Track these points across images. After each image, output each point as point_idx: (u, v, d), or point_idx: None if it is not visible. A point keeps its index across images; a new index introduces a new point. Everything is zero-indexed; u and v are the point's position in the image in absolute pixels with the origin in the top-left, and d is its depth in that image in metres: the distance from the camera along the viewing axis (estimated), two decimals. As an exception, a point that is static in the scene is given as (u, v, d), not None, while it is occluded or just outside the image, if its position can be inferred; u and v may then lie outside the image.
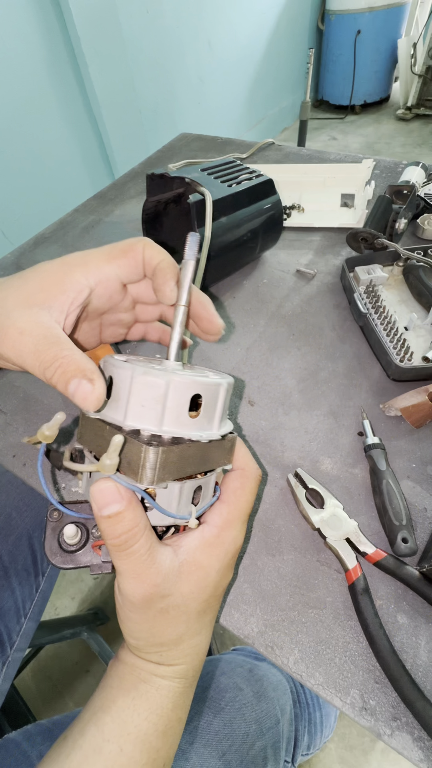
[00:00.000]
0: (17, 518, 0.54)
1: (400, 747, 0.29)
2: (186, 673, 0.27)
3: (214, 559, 0.26)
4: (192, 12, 2.02)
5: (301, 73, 3.07)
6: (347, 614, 0.34)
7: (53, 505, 0.29)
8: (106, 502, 0.22)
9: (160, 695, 0.26)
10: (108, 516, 0.22)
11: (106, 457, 0.21)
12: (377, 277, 0.56)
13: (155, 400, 0.23)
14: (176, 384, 0.23)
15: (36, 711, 0.82)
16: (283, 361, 0.53)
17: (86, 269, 0.27)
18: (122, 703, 0.26)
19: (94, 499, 0.22)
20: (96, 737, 0.25)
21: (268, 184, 0.59)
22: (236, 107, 2.61)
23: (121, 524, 0.22)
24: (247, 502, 0.28)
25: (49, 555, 0.28)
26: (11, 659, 0.50)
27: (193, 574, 0.25)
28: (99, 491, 0.22)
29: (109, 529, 0.22)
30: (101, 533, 0.23)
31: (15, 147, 1.54)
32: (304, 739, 0.53)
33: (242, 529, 0.28)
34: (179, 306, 0.28)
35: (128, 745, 0.25)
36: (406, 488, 0.40)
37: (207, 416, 0.25)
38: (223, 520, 0.27)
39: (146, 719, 0.25)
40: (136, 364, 0.24)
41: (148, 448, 0.22)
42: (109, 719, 0.25)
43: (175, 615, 0.25)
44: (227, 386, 0.26)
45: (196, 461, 0.25)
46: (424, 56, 2.70)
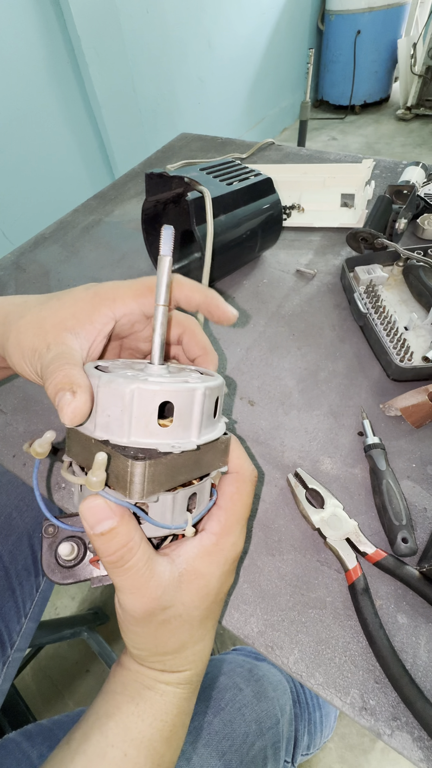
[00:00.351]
0: (17, 518, 0.54)
1: (400, 747, 0.29)
2: (190, 679, 0.27)
3: (213, 566, 0.25)
4: (192, 12, 2.02)
5: (301, 73, 3.07)
6: (347, 614, 0.34)
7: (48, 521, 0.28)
8: (97, 520, 0.21)
9: (164, 701, 0.26)
10: (101, 533, 0.21)
11: (91, 474, 0.21)
12: (377, 277, 0.56)
13: (121, 410, 0.22)
14: (141, 392, 0.22)
15: (36, 711, 0.82)
16: (283, 361, 0.53)
17: (114, 304, 0.28)
18: (126, 709, 0.26)
19: (84, 516, 0.22)
20: (100, 742, 0.25)
21: (267, 182, 0.59)
22: (236, 107, 2.61)
23: (115, 540, 0.22)
24: (244, 506, 0.28)
25: (47, 572, 0.28)
26: (11, 659, 0.50)
27: (193, 583, 0.25)
28: (89, 509, 0.22)
29: (103, 546, 0.22)
30: (96, 550, 0.22)
31: (15, 147, 1.54)
32: (304, 739, 0.53)
33: (241, 534, 0.28)
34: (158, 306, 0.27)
35: (132, 751, 0.25)
36: (406, 488, 0.40)
37: (182, 424, 0.24)
38: (221, 526, 0.26)
39: (150, 725, 0.25)
40: (107, 373, 0.23)
41: (135, 462, 0.21)
42: (113, 724, 0.25)
43: (178, 625, 0.25)
44: (205, 390, 0.24)
45: (189, 468, 0.24)
46: (423, 56, 2.70)
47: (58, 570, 0.28)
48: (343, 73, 2.99)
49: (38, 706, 0.95)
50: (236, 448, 0.29)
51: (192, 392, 0.24)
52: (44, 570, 0.28)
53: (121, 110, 1.79)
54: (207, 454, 0.25)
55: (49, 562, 0.28)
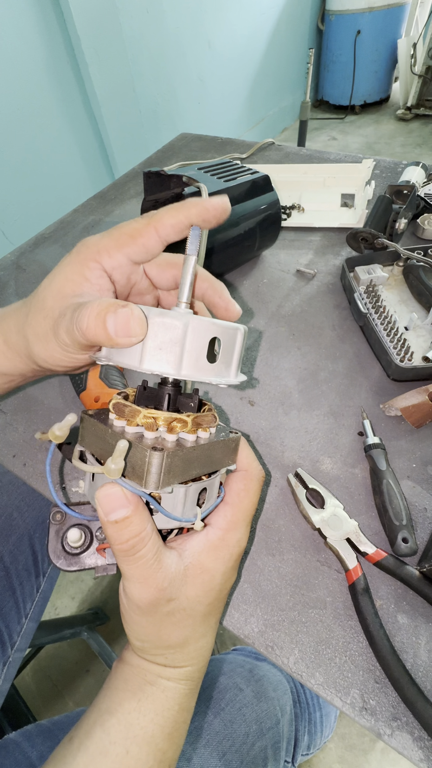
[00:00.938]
0: (18, 518, 0.54)
1: (401, 747, 0.29)
2: (192, 674, 0.27)
3: (219, 562, 0.26)
4: (192, 12, 2.02)
5: (301, 73, 3.07)
6: (347, 614, 0.34)
7: (56, 507, 0.28)
8: (112, 508, 0.22)
9: (166, 697, 0.26)
10: (115, 521, 0.22)
11: (111, 461, 0.21)
12: (377, 277, 0.56)
13: (173, 343, 0.22)
14: (195, 325, 0.22)
15: (36, 711, 0.82)
16: (283, 361, 0.53)
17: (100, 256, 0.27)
18: (128, 705, 0.26)
19: (99, 503, 0.22)
20: (102, 739, 0.25)
21: (265, 180, 0.59)
22: (236, 107, 2.61)
23: (128, 529, 0.22)
24: (251, 504, 0.28)
25: (53, 558, 0.28)
26: (12, 659, 0.50)
27: (198, 577, 0.25)
28: (105, 496, 0.22)
29: (115, 534, 0.22)
30: (107, 538, 0.23)
31: (15, 147, 1.54)
32: (304, 739, 0.53)
33: (246, 531, 0.28)
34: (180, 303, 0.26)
35: (134, 747, 0.25)
36: (406, 488, 0.40)
37: (225, 361, 0.25)
38: (227, 522, 0.27)
39: (152, 721, 0.26)
40: (150, 308, 0.23)
41: (153, 452, 0.21)
42: (115, 721, 0.25)
43: (181, 618, 0.25)
44: (244, 332, 0.25)
45: (201, 463, 0.25)
46: (423, 56, 2.70)
47: (63, 556, 0.28)
48: (343, 73, 2.98)
49: (38, 706, 0.95)
50: (245, 447, 0.29)
51: (236, 331, 0.25)
52: (50, 555, 0.28)
53: (121, 110, 1.79)
54: (218, 451, 0.26)
55: (55, 548, 0.28)
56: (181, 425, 0.24)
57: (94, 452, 0.25)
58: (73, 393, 0.52)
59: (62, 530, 0.28)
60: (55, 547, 0.28)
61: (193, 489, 0.25)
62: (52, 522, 0.28)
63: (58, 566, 0.28)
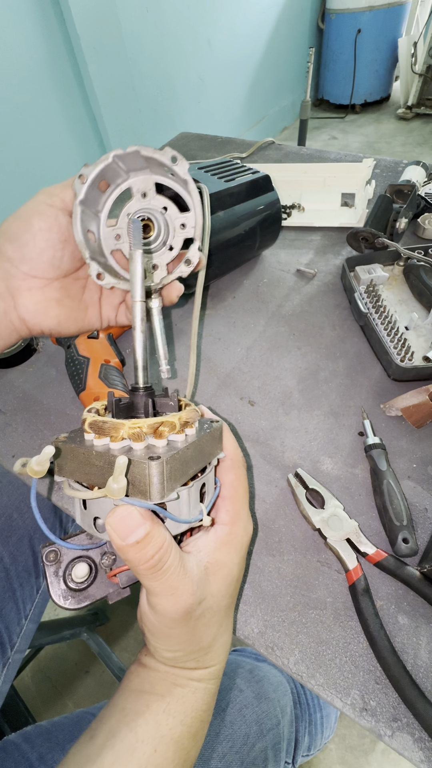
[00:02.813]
0: (18, 519, 0.53)
1: (401, 748, 0.29)
2: (218, 673, 0.28)
3: (233, 554, 0.27)
4: (192, 11, 2.02)
5: (302, 72, 3.07)
6: (348, 615, 0.34)
7: (49, 546, 0.26)
8: (130, 529, 0.21)
9: (195, 698, 0.26)
10: (136, 542, 0.21)
11: (112, 481, 0.20)
12: (378, 276, 0.56)
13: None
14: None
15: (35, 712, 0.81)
16: (284, 361, 0.53)
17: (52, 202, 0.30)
18: (156, 707, 0.26)
19: (115, 529, 0.21)
20: (129, 738, 0.25)
21: (265, 179, 0.59)
22: (236, 106, 2.61)
23: (151, 545, 0.21)
24: (244, 491, 0.29)
25: (59, 601, 0.26)
26: (11, 661, 0.50)
27: (218, 573, 0.26)
28: (120, 520, 0.21)
29: (138, 554, 0.21)
30: (128, 561, 0.22)
31: (15, 146, 1.54)
32: (304, 740, 0.53)
33: (248, 517, 0.29)
34: (135, 303, 0.26)
35: (162, 747, 0.25)
36: (406, 488, 0.40)
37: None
38: (230, 516, 0.27)
39: (181, 722, 0.26)
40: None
41: (151, 463, 0.21)
42: (143, 721, 0.25)
43: (210, 617, 0.25)
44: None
45: (195, 460, 0.25)
46: (424, 55, 2.70)
47: (70, 596, 0.26)
48: (343, 72, 2.98)
49: (38, 707, 0.95)
50: (227, 433, 0.30)
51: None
52: (54, 599, 0.26)
53: (120, 109, 1.79)
54: (207, 444, 0.26)
55: (58, 589, 0.26)
56: (170, 428, 0.24)
57: (79, 479, 0.24)
58: (73, 393, 0.52)
59: (61, 569, 0.26)
60: (58, 588, 0.26)
61: (195, 488, 0.25)
62: (46, 563, 0.26)
63: (66, 607, 0.26)
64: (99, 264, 0.30)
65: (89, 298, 0.35)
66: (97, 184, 0.30)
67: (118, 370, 0.50)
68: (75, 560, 0.27)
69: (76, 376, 0.49)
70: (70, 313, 0.33)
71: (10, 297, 0.31)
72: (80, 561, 0.27)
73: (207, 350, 0.56)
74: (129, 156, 0.28)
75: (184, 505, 0.25)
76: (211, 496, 0.28)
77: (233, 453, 0.30)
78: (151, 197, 0.31)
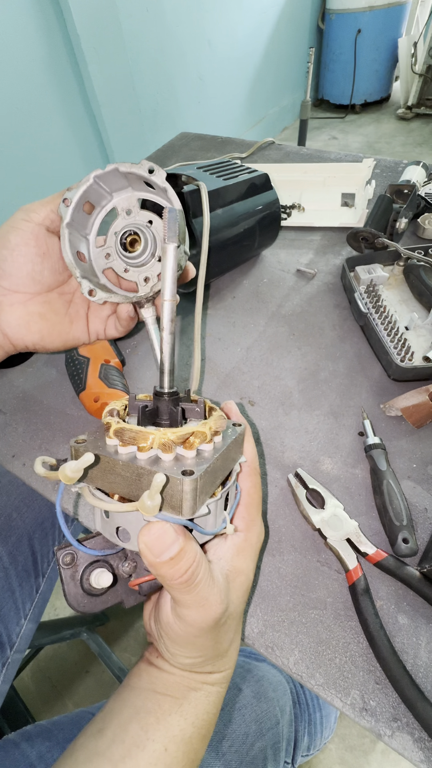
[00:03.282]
0: (17, 519, 0.53)
1: (401, 748, 0.29)
2: (230, 676, 0.28)
3: (249, 560, 0.27)
4: (192, 11, 2.01)
5: (302, 72, 3.07)
6: (348, 615, 0.34)
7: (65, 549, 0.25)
8: (165, 546, 0.21)
9: (208, 701, 0.27)
10: (170, 558, 0.21)
11: (147, 498, 0.19)
12: (378, 276, 0.56)
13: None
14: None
15: (35, 712, 0.81)
16: (284, 361, 0.53)
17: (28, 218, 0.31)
18: (169, 708, 0.26)
19: (149, 546, 0.21)
20: (140, 735, 0.25)
21: (264, 178, 0.59)
22: (236, 106, 2.60)
23: (184, 561, 0.21)
24: (259, 498, 0.29)
25: (75, 606, 0.25)
26: (11, 660, 0.50)
27: (236, 580, 0.26)
28: (157, 538, 0.21)
29: (171, 570, 0.21)
30: (161, 577, 0.22)
31: (14, 146, 1.54)
32: (304, 739, 0.53)
33: (261, 524, 0.29)
34: (165, 302, 0.24)
35: (173, 746, 0.25)
36: (406, 488, 0.40)
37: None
38: (246, 523, 0.28)
39: (192, 724, 0.26)
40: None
41: (185, 479, 0.20)
42: (154, 720, 0.26)
43: (230, 623, 0.26)
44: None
45: (222, 469, 0.24)
46: (424, 55, 2.70)
47: (86, 600, 0.26)
48: (343, 72, 2.98)
49: (37, 707, 0.95)
50: (248, 437, 0.30)
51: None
52: (70, 603, 0.25)
53: (120, 109, 1.79)
54: (232, 451, 0.26)
55: (75, 594, 0.25)
56: (200, 439, 0.23)
57: (102, 487, 0.23)
58: (73, 393, 0.52)
59: (78, 572, 0.25)
60: (76, 593, 0.25)
61: (221, 499, 0.25)
62: (62, 567, 0.25)
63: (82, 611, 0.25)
64: (90, 282, 0.30)
65: (75, 312, 0.35)
66: (82, 205, 0.31)
67: (118, 370, 0.50)
68: (92, 564, 0.26)
69: (76, 376, 0.49)
70: (53, 327, 0.34)
71: None
72: (98, 566, 0.26)
73: (207, 350, 0.56)
74: (109, 175, 0.29)
75: (211, 517, 0.24)
76: (232, 503, 0.27)
77: (252, 459, 0.30)
78: (136, 213, 0.32)
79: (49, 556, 0.56)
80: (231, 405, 0.32)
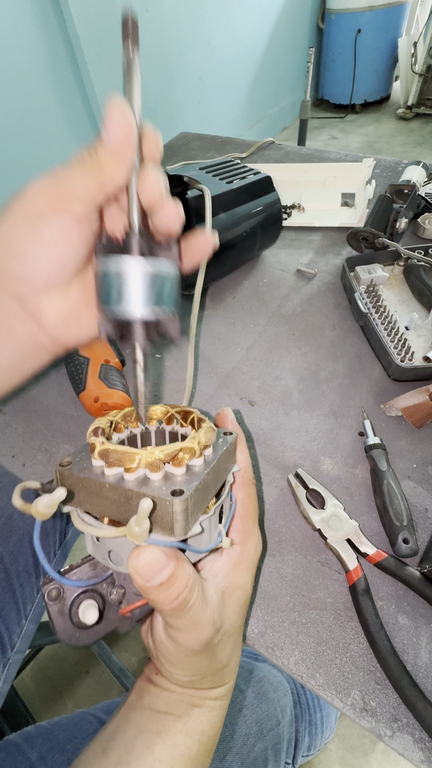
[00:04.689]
0: (18, 519, 0.53)
1: (401, 748, 0.29)
2: (232, 687, 0.28)
3: (246, 574, 0.26)
4: (192, 11, 2.01)
5: (301, 72, 3.07)
6: (348, 615, 0.34)
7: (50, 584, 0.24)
8: (155, 571, 0.20)
9: (212, 716, 0.27)
10: (160, 584, 0.20)
11: (134, 524, 0.19)
12: (378, 276, 0.56)
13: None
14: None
15: (35, 712, 0.81)
16: (284, 361, 0.53)
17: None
18: (174, 727, 0.26)
19: (138, 571, 0.20)
20: (146, 757, 0.25)
21: (267, 181, 0.59)
22: (236, 106, 2.60)
23: (176, 585, 0.21)
24: (255, 508, 0.28)
25: (66, 641, 0.24)
26: (11, 661, 0.50)
27: (233, 596, 0.25)
28: (146, 564, 0.20)
29: (162, 595, 0.20)
30: (152, 602, 0.21)
31: (14, 146, 1.54)
32: (304, 740, 0.53)
33: (259, 535, 0.28)
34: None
35: (179, 765, 0.25)
36: (407, 488, 0.40)
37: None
38: (242, 535, 0.27)
39: (198, 741, 0.26)
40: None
41: (175, 500, 0.19)
42: (160, 741, 0.25)
43: (227, 640, 0.25)
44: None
45: (214, 482, 0.24)
46: (424, 55, 2.70)
47: (78, 633, 0.24)
48: (343, 71, 2.98)
49: (37, 707, 0.95)
50: (241, 445, 0.29)
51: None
52: (61, 638, 0.24)
53: (120, 109, 1.79)
54: (224, 462, 0.25)
55: (65, 628, 0.24)
56: (190, 454, 0.22)
57: (90, 510, 0.22)
58: (73, 393, 0.52)
59: (66, 606, 0.24)
60: (66, 627, 0.24)
61: (215, 515, 0.24)
62: (49, 602, 0.24)
63: (76, 645, 0.24)
64: None
65: None
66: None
67: (118, 370, 0.50)
68: (80, 596, 0.25)
69: (76, 376, 0.49)
70: None
71: (31, 320, 0.25)
72: (86, 597, 0.25)
73: (207, 350, 0.56)
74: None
75: (205, 534, 0.24)
76: (227, 515, 0.27)
77: (245, 469, 0.29)
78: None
79: (50, 555, 0.56)
80: (227, 413, 0.30)
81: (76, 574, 0.25)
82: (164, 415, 0.29)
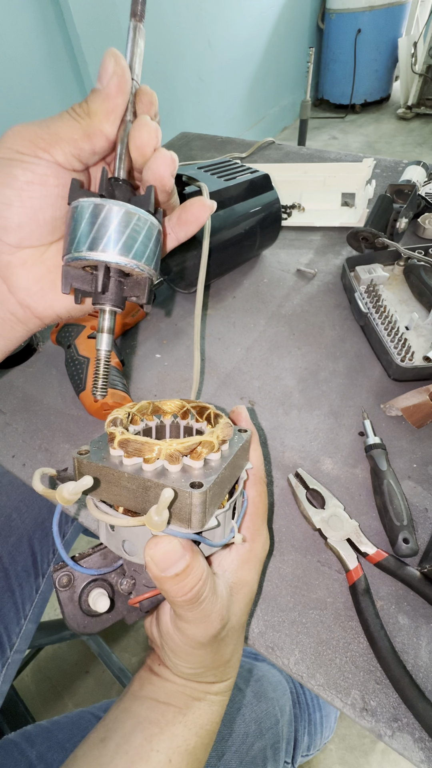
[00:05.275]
0: (17, 519, 0.53)
1: (401, 748, 0.29)
2: (232, 684, 0.28)
3: (253, 572, 0.27)
4: (192, 11, 2.01)
5: (302, 72, 3.07)
6: (348, 615, 0.34)
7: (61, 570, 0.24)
8: (171, 562, 0.20)
9: (212, 711, 0.27)
10: (175, 575, 0.20)
11: (154, 513, 0.19)
12: (378, 276, 0.56)
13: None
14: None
15: (35, 712, 0.81)
16: (284, 361, 0.53)
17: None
18: (173, 718, 0.26)
19: (155, 561, 0.20)
20: (144, 746, 0.25)
21: (265, 178, 0.59)
22: (236, 106, 2.60)
23: (190, 578, 0.21)
24: (265, 507, 0.29)
25: (76, 628, 0.24)
26: (11, 661, 0.50)
27: (240, 592, 0.26)
28: (164, 554, 0.20)
29: (176, 587, 0.21)
30: (165, 592, 0.21)
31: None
32: (304, 739, 0.53)
33: (266, 534, 0.29)
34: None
35: (177, 757, 0.25)
36: (407, 488, 0.40)
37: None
38: (251, 533, 0.27)
39: (196, 734, 0.26)
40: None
41: (194, 492, 0.20)
42: (158, 731, 0.25)
43: (232, 635, 0.25)
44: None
45: (229, 478, 0.24)
46: (424, 55, 2.70)
47: (87, 621, 0.25)
48: (343, 71, 2.98)
49: (37, 707, 0.95)
50: (254, 443, 0.29)
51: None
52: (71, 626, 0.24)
53: (120, 109, 1.79)
54: (239, 458, 0.25)
55: (75, 616, 0.24)
56: (208, 449, 0.23)
57: (107, 499, 0.22)
58: (73, 393, 0.52)
59: (76, 593, 0.24)
60: (75, 614, 0.24)
61: (230, 510, 0.25)
62: (59, 588, 0.24)
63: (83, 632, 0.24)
64: None
65: None
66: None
67: (118, 370, 0.50)
68: (90, 584, 0.25)
69: (76, 376, 0.49)
70: None
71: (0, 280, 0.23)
72: (97, 586, 0.25)
73: (207, 350, 0.56)
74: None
75: (219, 529, 0.24)
76: (240, 512, 0.27)
77: (258, 467, 0.29)
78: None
79: (49, 556, 0.56)
80: (241, 410, 0.30)
81: (87, 563, 0.25)
82: (180, 410, 0.29)
